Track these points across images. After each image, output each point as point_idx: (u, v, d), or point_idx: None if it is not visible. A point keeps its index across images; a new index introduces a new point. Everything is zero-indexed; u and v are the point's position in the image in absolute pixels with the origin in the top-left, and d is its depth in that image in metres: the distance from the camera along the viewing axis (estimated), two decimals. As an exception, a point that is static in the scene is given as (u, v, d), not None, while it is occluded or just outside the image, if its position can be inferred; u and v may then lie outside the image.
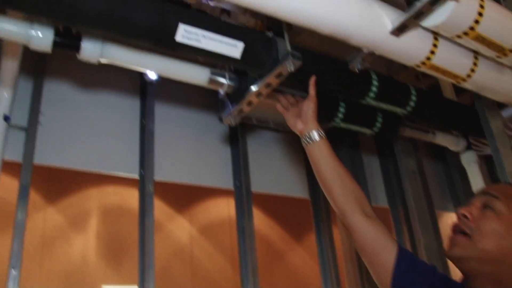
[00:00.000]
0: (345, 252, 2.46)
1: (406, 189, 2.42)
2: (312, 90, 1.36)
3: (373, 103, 1.73)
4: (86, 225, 4.54)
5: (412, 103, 1.80)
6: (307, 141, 1.30)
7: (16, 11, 1.31)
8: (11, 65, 1.64)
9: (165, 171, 2.06)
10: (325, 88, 1.59)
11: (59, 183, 4.30)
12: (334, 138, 2.63)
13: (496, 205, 0.88)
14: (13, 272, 1.60)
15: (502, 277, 0.85)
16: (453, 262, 0.90)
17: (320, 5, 1.20)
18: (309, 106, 1.33)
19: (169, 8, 1.19)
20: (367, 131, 2.03)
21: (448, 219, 2.89)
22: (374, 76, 1.65)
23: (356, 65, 1.45)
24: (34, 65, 1.91)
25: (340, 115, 1.84)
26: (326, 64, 1.53)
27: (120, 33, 1.16)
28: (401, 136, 2.22)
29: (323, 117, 1.84)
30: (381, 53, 1.38)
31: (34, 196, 3.91)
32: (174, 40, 1.20)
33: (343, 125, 1.92)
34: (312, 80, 1.36)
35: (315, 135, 1.29)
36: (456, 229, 0.89)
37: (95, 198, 4.71)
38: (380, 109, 1.91)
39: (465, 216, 0.89)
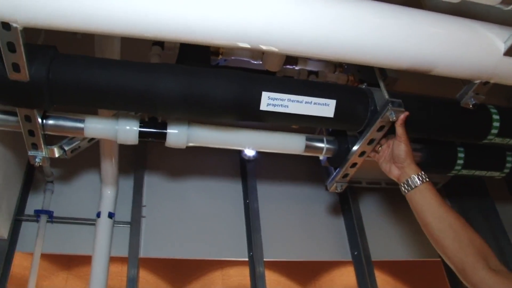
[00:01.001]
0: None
1: None
2: (399, 128, 1.18)
3: (498, 140, 1.49)
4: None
5: (546, 133, 1.52)
6: (406, 188, 1.12)
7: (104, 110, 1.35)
8: (111, 164, 1.68)
9: (275, 250, 1.95)
10: (437, 134, 1.40)
11: (184, 270, 4.36)
12: (455, 188, 2.37)
13: None
14: None
15: None
16: None
17: (422, 44, 1.06)
18: (399, 148, 1.16)
19: (249, 78, 1.12)
20: (495, 174, 1.75)
21: None
22: (493, 110, 1.42)
23: (469, 101, 1.26)
24: (134, 160, 1.96)
25: (460, 162, 1.60)
26: (433, 106, 1.34)
27: (201, 111, 1.10)
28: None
29: (441, 168, 1.61)
30: (498, 80, 1.18)
31: (161, 285, 4.00)
32: (259, 110, 1.12)
33: (465, 172, 1.67)
34: (402, 117, 1.18)
35: (416, 180, 1.11)
36: None
37: (219, 282, 4.69)
38: (508, 146, 1.64)
39: None
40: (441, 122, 1.35)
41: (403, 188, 1.15)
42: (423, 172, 1.14)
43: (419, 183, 1.11)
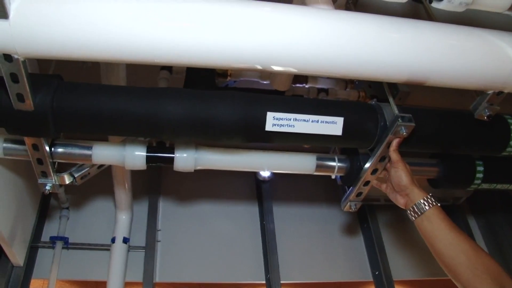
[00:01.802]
0: None
1: None
2: (394, 154, 1.15)
3: (518, 153, 1.44)
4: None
5: None
6: (413, 215, 1.08)
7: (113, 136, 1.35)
8: (124, 189, 1.68)
9: (293, 271, 1.92)
10: (452, 148, 1.36)
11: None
12: (480, 202, 2.29)
13: None
14: None
15: None
16: None
17: (432, 57, 1.03)
18: (397, 174, 1.14)
19: (253, 99, 1.11)
20: (518, 187, 1.69)
21: None
22: (511, 120, 1.38)
23: (483, 112, 1.21)
24: (148, 185, 1.96)
25: (480, 175, 1.55)
26: (446, 119, 1.30)
27: (207, 134, 1.09)
28: None
29: (459, 182, 1.56)
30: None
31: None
32: (265, 130, 1.10)
33: (485, 186, 1.62)
34: (394, 143, 1.16)
35: (422, 205, 1.07)
36: None
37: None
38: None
39: None
40: (456, 135, 1.31)
41: (410, 215, 1.12)
42: (430, 195, 1.10)
43: (426, 208, 1.07)
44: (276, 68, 0.97)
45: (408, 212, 1.12)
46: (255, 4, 0.94)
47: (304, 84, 1.62)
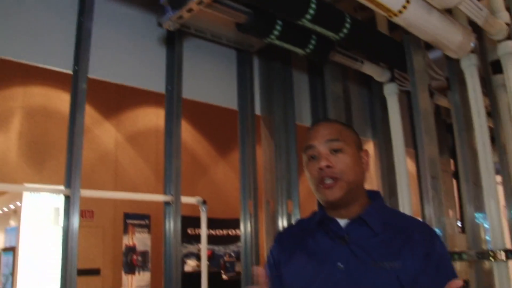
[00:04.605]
0: (265, 162, 2.62)
1: (329, 111, 2.54)
2: None
3: (309, 25, 1.80)
4: (9, 124, 4.40)
5: (345, 30, 1.90)
6: None
7: None
8: None
9: (100, 68, 2.03)
10: (263, 5, 1.62)
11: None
12: (268, 54, 2.67)
13: (339, 146, 0.99)
14: None
15: (357, 191, 1.00)
16: (333, 203, 0.98)
17: None
18: None
19: None
20: (299, 51, 2.11)
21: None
22: (313, 0, 1.71)
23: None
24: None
25: (276, 33, 1.90)
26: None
27: None
28: (332, 61, 2.32)
29: (259, 33, 1.89)
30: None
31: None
32: None
33: (277, 42, 1.99)
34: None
35: None
36: (326, 178, 0.97)
37: (19, 98, 4.48)
38: (314, 32, 1.98)
39: (329, 166, 0.97)
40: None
41: None
42: None
43: None
44: None
45: None
46: None
47: None
